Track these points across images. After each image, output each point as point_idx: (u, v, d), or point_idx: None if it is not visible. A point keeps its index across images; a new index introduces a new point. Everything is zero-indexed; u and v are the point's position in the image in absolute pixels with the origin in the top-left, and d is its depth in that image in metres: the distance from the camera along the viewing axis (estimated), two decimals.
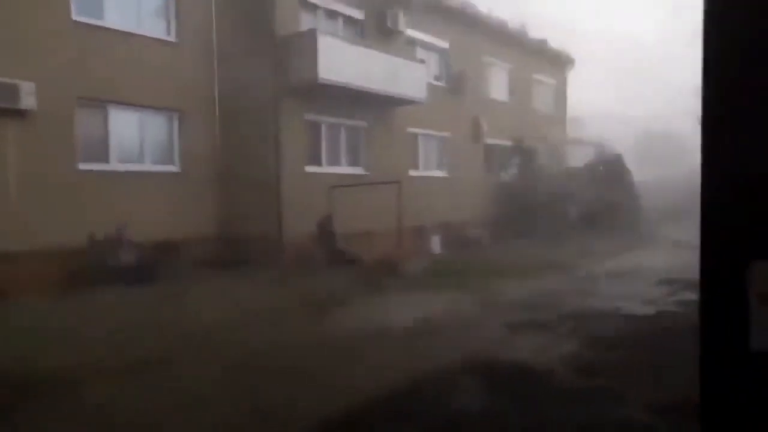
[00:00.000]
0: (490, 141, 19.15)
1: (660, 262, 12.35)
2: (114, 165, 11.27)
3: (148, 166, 11.81)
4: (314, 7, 13.42)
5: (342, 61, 12.60)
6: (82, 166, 10.74)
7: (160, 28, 12.07)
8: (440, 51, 17.48)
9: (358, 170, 14.62)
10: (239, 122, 12.69)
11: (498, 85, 19.98)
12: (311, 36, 12.34)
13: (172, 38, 12.13)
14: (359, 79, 13.02)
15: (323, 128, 13.82)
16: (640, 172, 21.86)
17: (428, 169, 17.07)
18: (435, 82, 16.83)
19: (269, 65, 12.42)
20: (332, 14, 13.95)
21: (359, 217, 13.13)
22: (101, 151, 11.09)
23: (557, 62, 23.40)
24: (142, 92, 11.43)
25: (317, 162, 13.68)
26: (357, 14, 14.36)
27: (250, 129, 12.65)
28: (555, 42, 22.97)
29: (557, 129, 22.75)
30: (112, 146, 11.23)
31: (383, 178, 13.63)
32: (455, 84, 17.71)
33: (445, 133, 17.57)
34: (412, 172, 16.00)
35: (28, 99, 9.50)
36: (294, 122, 12.81)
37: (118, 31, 11.16)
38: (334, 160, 14.21)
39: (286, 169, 12.55)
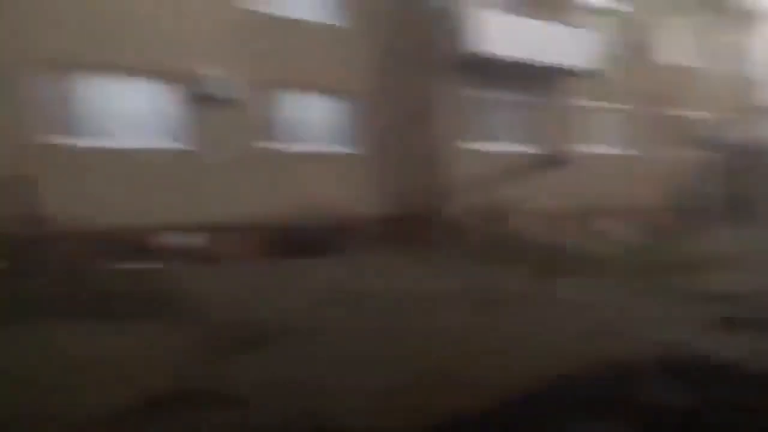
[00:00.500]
0: (678, 113, 16.61)
1: None
2: (288, 145, 11.72)
3: (322, 147, 12.17)
4: None
5: (505, 32, 11.82)
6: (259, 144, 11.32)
7: (328, 12, 12.14)
8: (618, 15, 15.56)
9: (523, 147, 13.55)
10: (402, 99, 12.42)
11: (683, 49, 17.26)
12: (470, 7, 11.70)
13: (340, 22, 12.15)
14: (523, 51, 12.15)
15: (487, 103, 13.02)
16: None
17: (604, 146, 15.26)
18: (610, 50, 14.97)
19: (427, 39, 12.08)
20: None
21: (529, 198, 12.41)
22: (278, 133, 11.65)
23: (747, 20, 19.68)
24: (315, 76, 11.75)
25: (481, 138, 12.91)
26: None
27: (410, 106, 12.37)
28: None
29: (751, 95, 19.10)
30: (285, 127, 11.75)
31: (548, 157, 12.47)
32: (634, 51, 15.62)
33: (625, 106, 15.59)
34: (585, 150, 14.38)
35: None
36: (455, 98, 12.28)
37: (288, 18, 11.55)
38: (500, 136, 13.31)
39: (447, 146, 12.22)
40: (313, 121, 12.11)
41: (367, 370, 4.56)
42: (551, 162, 12.95)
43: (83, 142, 9.59)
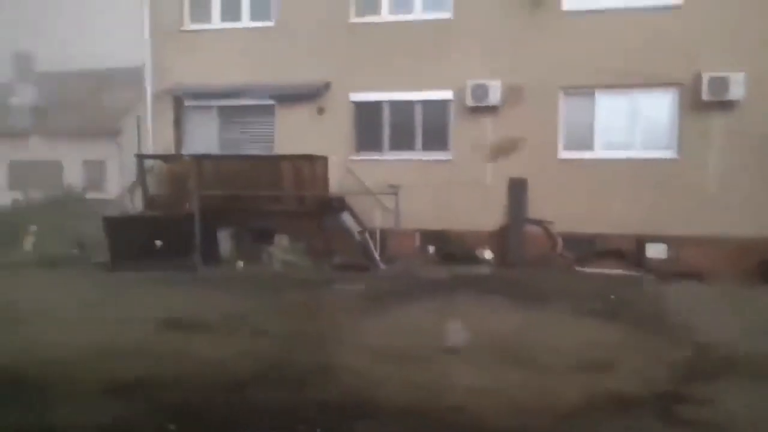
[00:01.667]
0: None
1: None
2: (598, 153, 10.80)
3: (637, 153, 10.60)
4: None
5: None
6: (564, 155, 10.87)
7: None
8: None
9: None
10: None
11: None
12: None
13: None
14: None
15: None
16: None
17: None
18: None
19: None
20: None
21: None
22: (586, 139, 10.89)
23: None
24: (633, 71, 10.33)
25: None
26: None
27: None
28: None
29: None
30: (597, 133, 10.82)
31: None
32: None
33: None
34: None
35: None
36: None
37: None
38: None
39: None
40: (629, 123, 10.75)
41: None
42: None
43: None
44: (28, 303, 7.46)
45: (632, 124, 10.69)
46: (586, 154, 10.84)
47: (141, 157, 11.52)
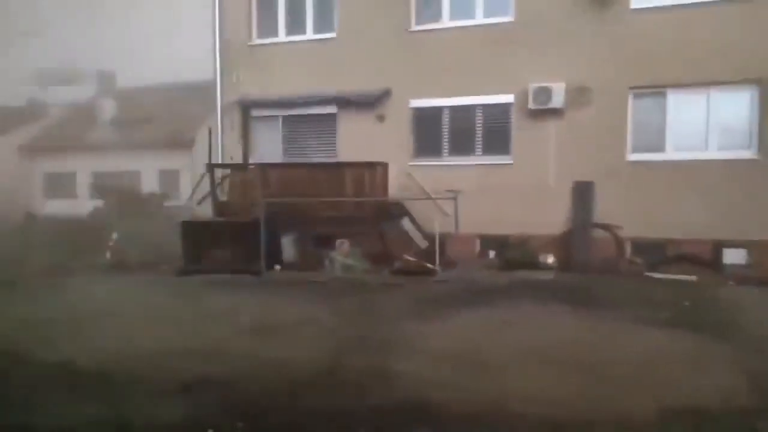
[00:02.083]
0: None
1: None
2: (670, 155, 10.31)
3: (713, 153, 10.06)
4: None
5: None
6: (633, 157, 10.48)
7: None
8: None
9: None
10: None
11: None
12: None
13: None
14: None
15: None
16: None
17: None
18: None
19: None
20: None
21: None
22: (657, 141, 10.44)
23: None
24: (708, 69, 9.80)
25: None
26: None
27: None
28: None
29: None
30: (669, 134, 10.33)
31: None
32: None
33: None
34: None
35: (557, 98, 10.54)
36: None
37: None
38: None
39: None
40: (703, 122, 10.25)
41: None
42: None
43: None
44: (107, 305, 7.98)
45: (707, 123, 10.16)
46: (657, 156, 10.41)
47: (211, 167, 12.07)
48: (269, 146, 12.94)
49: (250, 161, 12.51)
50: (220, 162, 12.76)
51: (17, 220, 18.94)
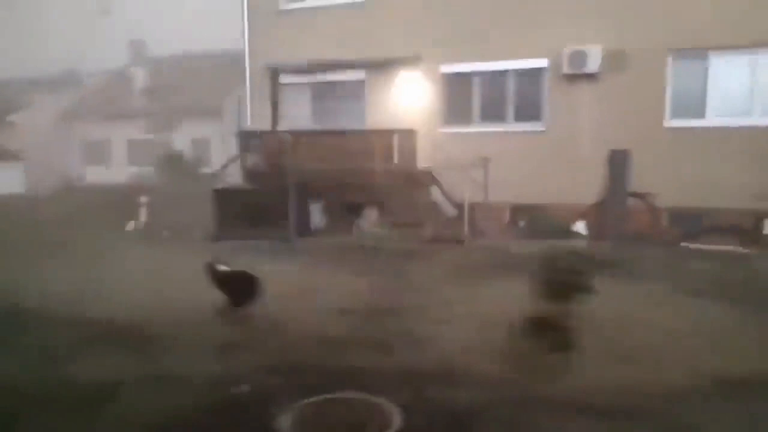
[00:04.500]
0: None
1: None
2: (710, 120, 9.83)
3: (757, 120, 9.56)
4: None
5: None
6: (672, 123, 10.07)
7: None
8: None
9: None
10: None
11: None
12: None
13: None
14: None
15: None
16: None
17: None
18: None
19: None
20: None
21: None
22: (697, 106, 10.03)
23: None
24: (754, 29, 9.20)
25: None
26: None
27: None
28: None
29: None
30: (710, 98, 9.87)
31: None
32: None
33: None
34: None
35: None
36: None
37: None
38: None
39: None
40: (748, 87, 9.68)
41: None
42: None
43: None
44: (143, 268, 8.21)
45: (752, 87, 9.69)
46: (697, 122, 10.01)
47: (241, 134, 12.13)
48: (298, 113, 12.91)
49: (279, 128, 12.53)
50: (249, 129, 12.81)
51: (57, 186, 19.54)
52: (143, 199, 12.83)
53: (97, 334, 5.22)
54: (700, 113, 10.03)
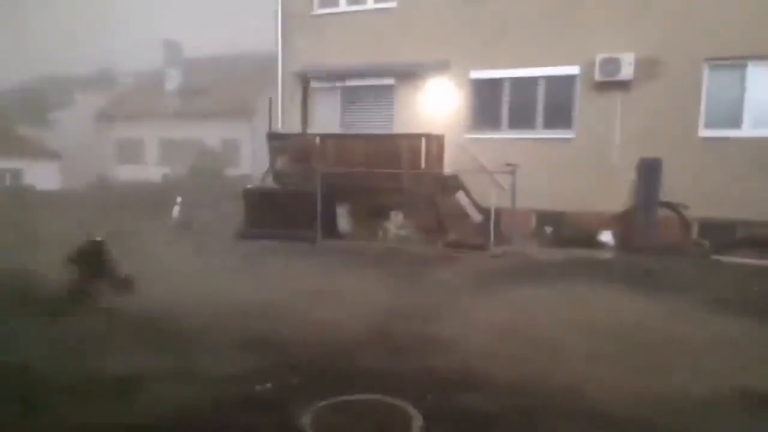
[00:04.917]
0: None
1: None
2: (747, 131, 9.64)
3: None
4: None
5: None
6: (705, 133, 9.86)
7: None
8: None
9: None
10: None
11: None
12: None
13: None
14: None
15: None
16: None
17: None
18: None
19: None
20: None
21: None
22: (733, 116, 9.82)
23: None
24: None
25: None
26: None
27: None
28: None
29: None
30: (748, 109, 9.69)
31: None
32: None
33: None
34: None
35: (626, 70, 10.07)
36: None
37: None
38: None
39: None
40: None
41: None
42: None
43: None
44: (173, 263, 8.41)
45: None
46: (733, 132, 9.80)
47: (272, 136, 12.33)
48: (328, 117, 13.06)
49: (309, 131, 12.68)
50: (279, 131, 13.00)
51: (93, 183, 20.10)
52: (178, 198, 13.15)
53: None
54: (737, 124, 9.82)
